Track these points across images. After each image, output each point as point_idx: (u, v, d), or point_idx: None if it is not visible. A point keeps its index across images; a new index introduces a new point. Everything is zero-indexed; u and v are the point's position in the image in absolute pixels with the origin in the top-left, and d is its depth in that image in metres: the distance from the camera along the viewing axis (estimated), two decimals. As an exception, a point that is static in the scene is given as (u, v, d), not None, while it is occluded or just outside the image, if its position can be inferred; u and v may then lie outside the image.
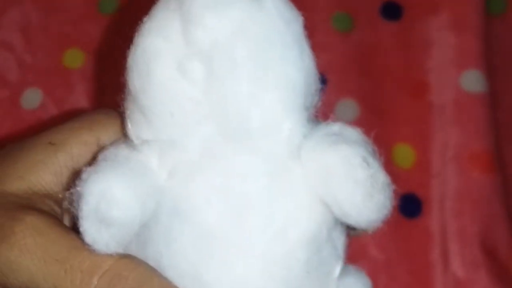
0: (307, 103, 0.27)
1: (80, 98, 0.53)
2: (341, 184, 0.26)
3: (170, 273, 0.26)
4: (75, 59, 0.54)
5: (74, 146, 0.30)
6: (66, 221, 0.30)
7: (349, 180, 0.26)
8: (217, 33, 0.25)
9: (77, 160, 0.30)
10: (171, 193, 0.26)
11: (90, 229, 0.25)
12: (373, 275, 0.50)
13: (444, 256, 0.50)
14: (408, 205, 0.51)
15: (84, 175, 0.25)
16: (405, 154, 0.53)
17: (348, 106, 0.53)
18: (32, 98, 0.54)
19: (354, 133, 0.28)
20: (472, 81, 0.53)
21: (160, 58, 0.26)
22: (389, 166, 0.52)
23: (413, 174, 0.52)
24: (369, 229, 0.28)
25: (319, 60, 0.55)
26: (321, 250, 0.27)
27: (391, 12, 0.56)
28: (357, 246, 0.51)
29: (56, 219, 0.28)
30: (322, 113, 0.54)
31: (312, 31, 0.56)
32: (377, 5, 0.56)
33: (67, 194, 0.26)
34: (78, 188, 0.25)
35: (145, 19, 0.27)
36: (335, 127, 0.28)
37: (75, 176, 0.27)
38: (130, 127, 0.28)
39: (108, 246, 0.25)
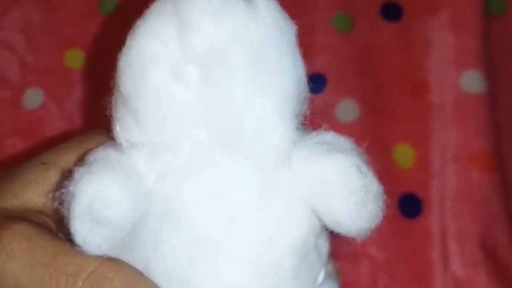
0: (297, 111, 0.28)
1: (81, 98, 0.53)
2: (336, 192, 0.26)
3: (158, 277, 0.26)
4: (76, 59, 0.54)
5: (64, 164, 0.30)
6: (61, 235, 0.30)
7: (344, 189, 0.26)
8: (214, 39, 0.25)
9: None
10: (161, 196, 0.26)
11: (81, 229, 0.25)
12: (373, 275, 0.50)
13: (444, 256, 0.50)
14: (408, 205, 0.51)
15: (76, 176, 0.25)
16: (405, 154, 0.53)
17: (348, 106, 0.53)
18: (33, 98, 0.54)
19: (346, 143, 0.28)
20: (472, 81, 0.53)
21: (155, 62, 0.26)
22: (389, 166, 0.53)
23: (413, 174, 0.52)
24: (358, 238, 0.28)
25: (319, 60, 0.56)
26: (309, 257, 0.27)
27: (391, 12, 0.56)
28: (357, 246, 0.51)
29: (45, 228, 0.28)
30: (322, 113, 0.54)
31: (312, 31, 0.56)
32: (377, 6, 0.56)
33: (57, 194, 0.26)
34: (70, 188, 0.25)
35: (138, 21, 0.27)
36: (327, 136, 0.28)
37: (64, 177, 0.27)
38: (119, 130, 0.28)
39: (100, 247, 0.25)
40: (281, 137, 0.27)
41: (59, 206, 0.26)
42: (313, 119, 0.54)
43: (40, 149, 0.33)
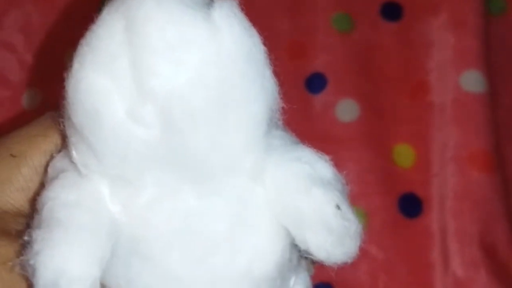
0: (269, 122, 0.26)
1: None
2: (313, 230, 0.25)
3: None
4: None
5: (34, 157, 0.29)
6: None
7: (321, 228, 0.25)
8: (173, 83, 0.23)
9: (40, 171, 0.29)
10: (129, 233, 0.25)
11: None
12: (373, 275, 0.50)
13: (444, 256, 0.50)
14: (408, 205, 0.51)
15: (36, 246, 0.24)
16: (405, 154, 0.53)
17: (348, 106, 0.53)
18: (33, 98, 0.54)
19: (325, 168, 0.27)
20: (472, 81, 0.53)
21: (108, 100, 0.24)
22: (389, 165, 0.53)
23: (413, 174, 0.52)
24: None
25: (319, 60, 0.56)
26: (283, 271, 0.27)
27: (391, 12, 0.56)
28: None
29: None
30: (322, 113, 0.54)
31: (312, 31, 0.56)
32: (377, 5, 0.56)
33: (20, 260, 0.24)
34: (31, 261, 0.24)
35: (83, 44, 0.25)
36: (305, 154, 0.26)
37: (32, 204, 0.26)
38: (75, 156, 0.26)
39: None
40: (252, 163, 0.25)
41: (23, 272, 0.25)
42: (313, 119, 0.54)
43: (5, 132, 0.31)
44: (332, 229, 0.25)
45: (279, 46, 0.55)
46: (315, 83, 0.54)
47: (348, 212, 0.26)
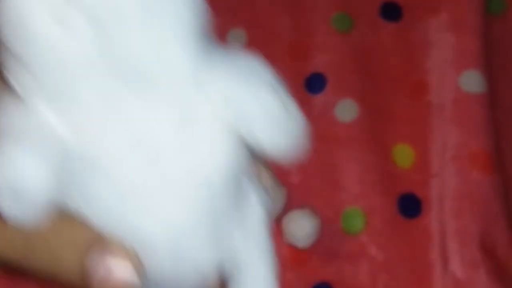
0: (200, 33, 0.27)
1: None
2: (265, 128, 0.27)
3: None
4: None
5: None
6: None
7: (272, 125, 0.27)
8: None
9: None
10: (81, 151, 0.26)
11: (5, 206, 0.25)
12: (373, 275, 0.50)
13: (444, 256, 0.50)
14: (408, 205, 0.51)
15: None
16: (404, 154, 0.53)
17: (348, 106, 0.53)
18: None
19: (264, 71, 0.28)
20: (472, 81, 0.53)
21: (35, 12, 0.24)
22: (389, 166, 0.53)
23: (412, 174, 0.52)
24: (279, 160, 0.28)
25: (319, 60, 0.56)
26: (239, 180, 0.28)
27: (391, 12, 0.56)
28: (357, 245, 0.51)
29: None
30: (322, 113, 0.54)
31: (312, 31, 0.56)
32: (377, 6, 0.56)
33: None
34: None
35: None
36: (241, 59, 0.28)
37: None
38: (11, 76, 0.26)
39: (23, 219, 0.25)
40: (194, 72, 0.26)
41: None
42: (313, 119, 0.54)
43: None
44: (280, 123, 0.27)
45: (279, 46, 0.55)
46: (315, 83, 0.54)
47: (291, 106, 0.28)
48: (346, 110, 0.53)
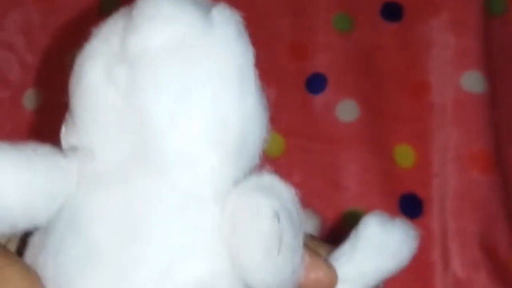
0: (245, 149, 0.25)
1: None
2: (245, 232, 0.23)
3: (49, 285, 0.24)
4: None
5: None
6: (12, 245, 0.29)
7: (253, 230, 0.23)
8: (149, 42, 0.23)
9: None
10: (72, 202, 0.25)
11: None
12: (373, 275, 0.50)
13: (444, 256, 0.50)
14: (409, 205, 0.51)
15: None
16: (405, 154, 0.53)
17: (348, 106, 0.53)
18: (34, 99, 0.54)
19: (283, 188, 0.24)
20: (472, 81, 0.53)
21: (93, 60, 0.25)
22: (390, 166, 0.53)
23: (413, 174, 0.52)
24: None
25: (319, 60, 0.56)
26: None
27: (391, 12, 0.56)
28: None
29: None
30: (322, 113, 0.54)
31: (312, 31, 0.56)
32: (378, 6, 0.56)
33: None
34: None
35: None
36: (266, 178, 0.24)
37: None
38: (63, 131, 0.26)
39: None
40: (213, 168, 0.24)
41: None
42: (314, 120, 0.54)
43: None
44: (263, 233, 0.23)
45: (280, 46, 0.55)
46: (315, 83, 0.54)
47: (286, 224, 0.23)
48: (347, 110, 0.53)
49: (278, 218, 0.23)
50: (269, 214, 0.23)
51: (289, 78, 0.54)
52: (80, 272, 0.24)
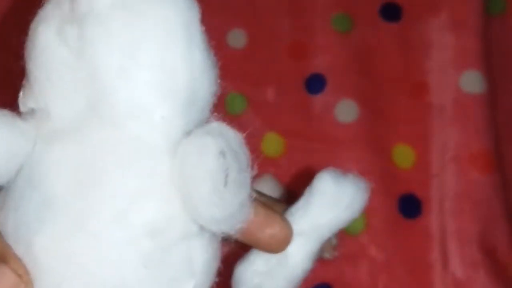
0: (194, 101, 0.26)
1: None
2: (193, 170, 0.24)
3: (10, 240, 0.25)
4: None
5: None
6: None
7: (200, 167, 0.24)
8: (97, 1, 0.25)
9: None
10: (30, 160, 0.26)
11: None
12: (372, 275, 0.50)
13: (444, 256, 0.50)
14: (408, 205, 0.51)
15: None
16: (404, 154, 0.53)
17: (348, 106, 0.53)
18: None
19: (230, 132, 0.25)
20: (472, 81, 0.53)
21: (45, 23, 0.26)
22: (389, 166, 0.53)
23: (412, 175, 0.52)
24: (216, 229, 0.25)
25: (319, 61, 0.56)
26: (168, 250, 0.25)
27: (391, 13, 0.56)
28: (357, 246, 0.51)
29: None
30: (321, 113, 0.55)
31: (312, 31, 0.56)
32: (377, 6, 0.56)
33: None
34: None
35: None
36: (214, 124, 0.25)
37: None
38: (21, 96, 0.27)
39: None
40: (163, 118, 0.25)
41: None
42: (313, 120, 0.54)
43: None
44: (209, 170, 0.24)
45: (279, 46, 0.55)
46: (315, 83, 0.54)
47: (232, 160, 0.24)
48: (346, 111, 0.53)
49: (224, 155, 0.24)
50: (215, 151, 0.24)
51: (289, 79, 0.54)
52: (39, 224, 0.25)
